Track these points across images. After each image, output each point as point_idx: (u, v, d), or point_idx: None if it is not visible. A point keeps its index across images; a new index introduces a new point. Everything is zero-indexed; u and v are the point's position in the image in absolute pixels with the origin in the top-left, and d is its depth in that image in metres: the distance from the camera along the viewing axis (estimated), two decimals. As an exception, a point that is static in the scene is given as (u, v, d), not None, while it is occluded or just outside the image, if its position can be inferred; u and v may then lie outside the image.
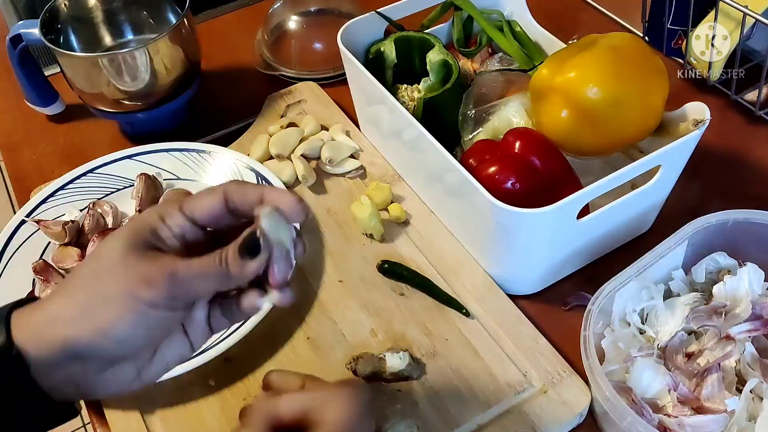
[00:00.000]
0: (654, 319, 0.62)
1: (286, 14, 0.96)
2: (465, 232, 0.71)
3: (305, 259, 0.71)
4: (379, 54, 0.78)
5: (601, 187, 0.59)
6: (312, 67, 0.93)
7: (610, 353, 0.60)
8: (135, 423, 0.60)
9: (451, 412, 0.59)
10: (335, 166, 0.80)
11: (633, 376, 0.57)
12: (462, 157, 0.67)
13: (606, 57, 0.63)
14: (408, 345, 0.64)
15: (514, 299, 0.67)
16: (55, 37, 0.83)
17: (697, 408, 0.56)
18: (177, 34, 0.80)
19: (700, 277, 0.64)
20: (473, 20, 0.81)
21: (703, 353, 0.58)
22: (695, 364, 0.58)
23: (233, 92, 0.94)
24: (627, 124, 0.64)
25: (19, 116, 0.93)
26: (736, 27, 0.76)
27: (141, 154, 0.79)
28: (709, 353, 0.58)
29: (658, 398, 0.57)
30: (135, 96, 0.81)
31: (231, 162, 0.78)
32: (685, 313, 0.60)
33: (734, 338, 0.58)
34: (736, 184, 0.78)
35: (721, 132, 0.81)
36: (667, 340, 0.60)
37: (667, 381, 0.57)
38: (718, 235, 0.63)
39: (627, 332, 0.61)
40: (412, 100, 0.75)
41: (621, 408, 0.52)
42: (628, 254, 0.70)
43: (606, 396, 0.53)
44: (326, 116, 0.86)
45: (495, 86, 0.73)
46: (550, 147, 0.65)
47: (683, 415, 0.55)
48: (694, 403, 0.56)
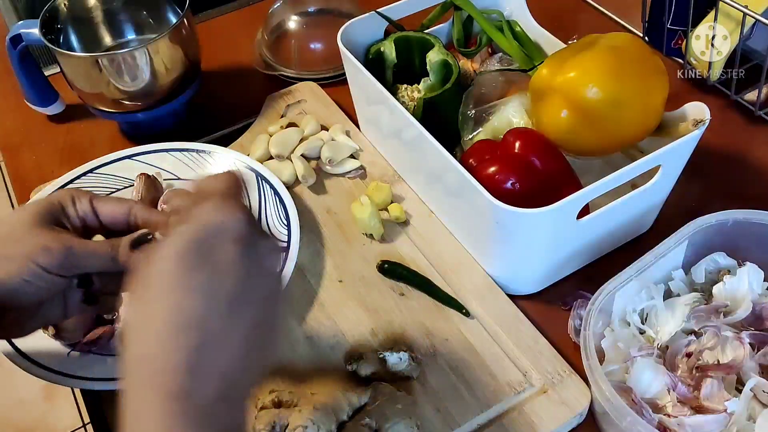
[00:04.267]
0: (654, 318, 0.62)
1: (286, 14, 0.96)
2: (465, 232, 0.71)
3: (305, 259, 0.71)
4: (379, 54, 0.78)
5: (601, 187, 0.59)
6: (312, 67, 0.93)
7: (610, 353, 0.60)
8: (135, 423, 0.60)
9: (451, 412, 0.59)
10: (335, 166, 0.80)
11: (633, 376, 0.57)
12: (462, 157, 0.67)
13: (606, 57, 0.63)
14: (408, 345, 0.64)
15: (514, 299, 0.67)
16: (55, 37, 0.83)
17: (697, 408, 0.56)
18: (177, 34, 0.80)
19: (699, 277, 0.64)
20: (473, 20, 0.81)
21: (702, 353, 0.58)
22: (695, 363, 0.58)
23: (233, 92, 0.94)
24: (627, 124, 0.64)
25: (19, 116, 0.93)
26: (736, 27, 0.76)
27: (141, 154, 0.79)
28: (708, 353, 0.58)
29: (658, 398, 0.57)
30: (135, 96, 0.81)
31: (231, 162, 0.78)
32: (685, 313, 0.60)
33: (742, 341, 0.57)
34: (736, 184, 0.78)
35: (721, 132, 0.81)
36: (667, 340, 0.60)
37: (666, 381, 0.57)
38: (717, 235, 0.63)
39: (627, 332, 0.61)
40: (412, 100, 0.75)
41: (621, 408, 0.52)
42: (628, 254, 0.70)
43: (606, 396, 0.53)
44: (326, 116, 0.86)
45: (495, 86, 0.73)
46: (550, 147, 0.65)
47: (683, 415, 0.55)
48: (694, 403, 0.56)
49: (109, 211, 0.52)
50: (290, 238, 0.70)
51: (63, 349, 0.63)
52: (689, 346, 0.59)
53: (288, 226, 0.71)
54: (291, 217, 0.71)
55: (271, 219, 0.73)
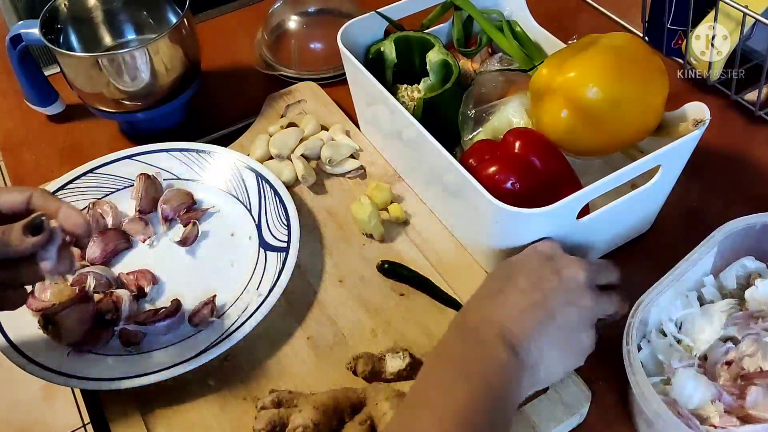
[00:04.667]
0: (690, 327, 0.60)
1: (286, 14, 0.96)
2: (465, 232, 0.71)
3: (305, 259, 0.71)
4: (379, 54, 0.78)
5: (601, 187, 0.59)
6: (312, 67, 0.93)
7: (649, 365, 0.59)
8: (135, 423, 0.60)
9: (451, 412, 0.59)
10: (335, 166, 0.80)
11: (675, 388, 0.55)
12: (462, 157, 0.67)
13: (606, 57, 0.63)
14: (408, 345, 0.64)
15: (514, 299, 0.67)
16: (55, 37, 0.83)
17: (743, 417, 0.54)
18: (177, 34, 0.80)
19: (730, 283, 0.62)
20: (473, 20, 0.81)
21: (743, 360, 0.57)
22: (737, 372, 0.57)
23: (233, 92, 0.94)
24: (627, 124, 0.64)
25: (19, 116, 0.93)
26: (736, 27, 0.76)
27: (141, 154, 0.79)
28: (749, 360, 0.57)
29: (701, 409, 0.55)
30: (135, 96, 0.81)
31: (231, 162, 0.78)
32: (722, 321, 0.59)
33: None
34: (736, 184, 0.78)
35: (721, 132, 0.81)
36: (706, 349, 0.58)
37: (711, 391, 0.55)
38: (745, 239, 0.62)
39: (664, 343, 0.59)
40: (412, 100, 0.75)
41: (672, 422, 0.50)
42: (628, 254, 0.70)
43: (656, 412, 0.51)
44: (326, 116, 0.86)
45: (495, 86, 0.73)
46: (550, 147, 0.65)
47: (731, 425, 0.53)
48: (740, 413, 0.54)
49: (8, 199, 0.52)
50: (290, 238, 0.70)
51: (63, 349, 0.63)
52: (728, 354, 0.58)
53: (288, 226, 0.71)
54: (291, 217, 0.71)
55: (271, 219, 0.73)
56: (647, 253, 0.71)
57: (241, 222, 0.74)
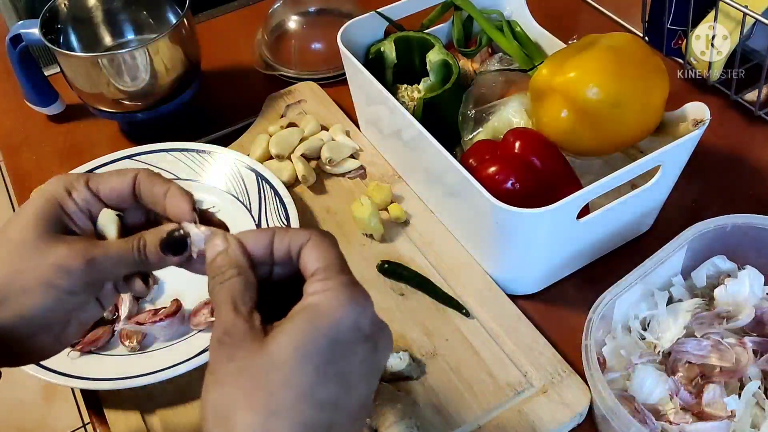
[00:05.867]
0: (656, 325, 0.61)
1: (286, 14, 0.96)
2: (465, 232, 0.71)
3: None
4: (379, 54, 0.78)
5: (601, 187, 0.59)
6: (312, 67, 0.93)
7: (612, 360, 0.59)
8: (135, 423, 0.60)
9: (451, 412, 0.59)
10: (335, 166, 0.80)
11: (634, 384, 0.56)
12: (462, 157, 0.67)
13: (606, 57, 0.63)
14: (408, 345, 0.64)
15: (514, 299, 0.67)
16: (55, 37, 0.83)
17: (699, 414, 0.55)
18: (177, 34, 0.80)
19: (700, 282, 0.63)
20: (473, 20, 0.81)
21: (705, 359, 0.57)
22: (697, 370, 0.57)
23: (233, 92, 0.94)
24: (627, 124, 0.64)
25: (19, 116, 0.93)
26: (736, 27, 0.76)
27: (141, 154, 0.79)
28: (711, 359, 0.57)
29: (660, 405, 0.56)
30: (135, 96, 0.81)
31: (231, 162, 0.78)
32: (687, 320, 0.59)
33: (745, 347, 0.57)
34: (736, 184, 0.78)
35: (721, 132, 0.81)
36: (669, 347, 0.59)
37: (668, 387, 0.56)
38: (716, 240, 0.62)
39: (628, 339, 0.60)
40: (412, 100, 0.75)
41: (624, 418, 0.51)
42: (628, 254, 0.70)
43: (609, 405, 0.52)
44: (326, 116, 0.86)
45: (495, 86, 0.73)
46: (550, 147, 0.65)
47: (685, 422, 0.54)
48: (696, 410, 0.55)
49: (112, 187, 0.44)
50: (290, 238, 0.70)
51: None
52: (689, 352, 0.58)
53: (288, 226, 0.71)
54: (291, 217, 0.71)
55: (271, 219, 0.73)
56: (647, 253, 0.71)
57: (241, 222, 0.74)
